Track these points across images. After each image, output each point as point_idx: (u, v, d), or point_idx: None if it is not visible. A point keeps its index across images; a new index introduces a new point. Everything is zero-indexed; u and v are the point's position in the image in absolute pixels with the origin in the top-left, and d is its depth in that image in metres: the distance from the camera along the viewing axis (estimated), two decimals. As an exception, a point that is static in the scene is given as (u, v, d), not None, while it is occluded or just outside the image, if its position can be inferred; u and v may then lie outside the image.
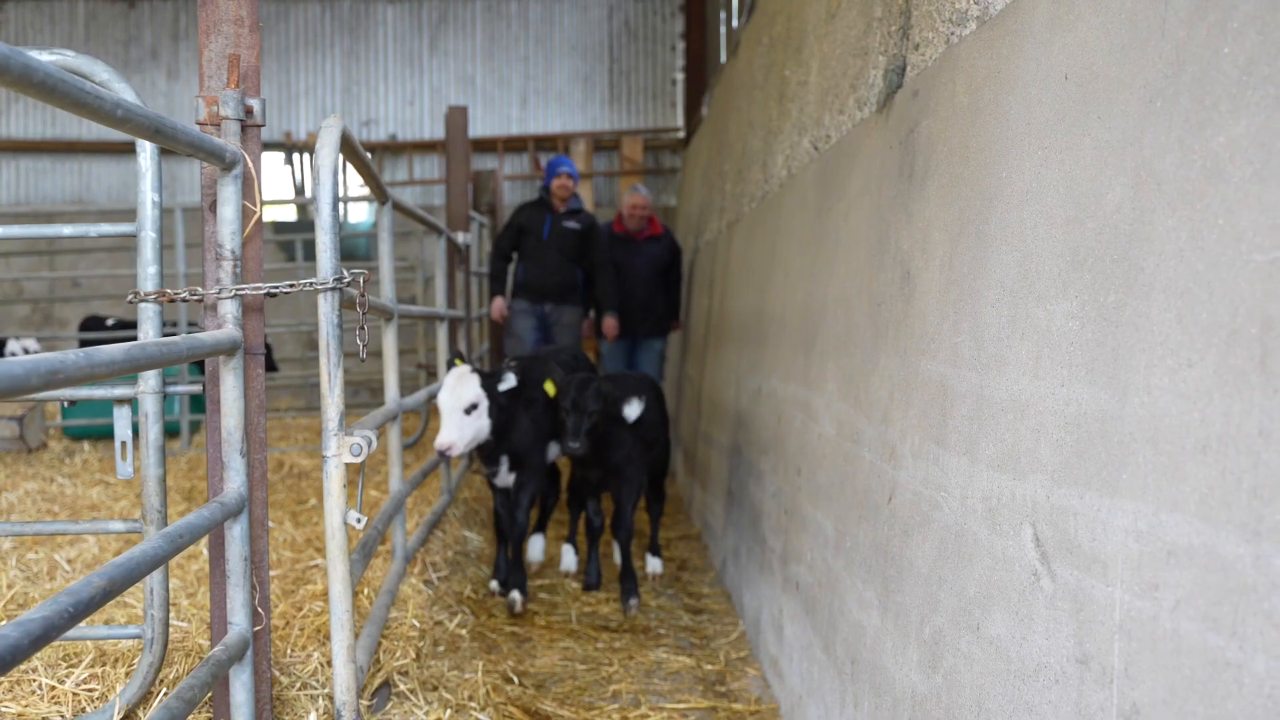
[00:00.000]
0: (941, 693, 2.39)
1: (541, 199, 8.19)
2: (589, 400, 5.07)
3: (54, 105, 1.77)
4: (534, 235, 8.05)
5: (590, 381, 5.13)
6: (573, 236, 8.08)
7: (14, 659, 1.55)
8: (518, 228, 8.13)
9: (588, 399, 5.06)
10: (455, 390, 4.93)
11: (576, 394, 5.07)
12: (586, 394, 5.07)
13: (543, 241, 8.03)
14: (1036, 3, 2.34)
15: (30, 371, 1.62)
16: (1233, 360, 1.46)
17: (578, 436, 5.02)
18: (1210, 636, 1.44)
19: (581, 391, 5.08)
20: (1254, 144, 1.47)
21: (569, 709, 3.98)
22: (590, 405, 5.06)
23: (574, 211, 8.17)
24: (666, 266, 8.80)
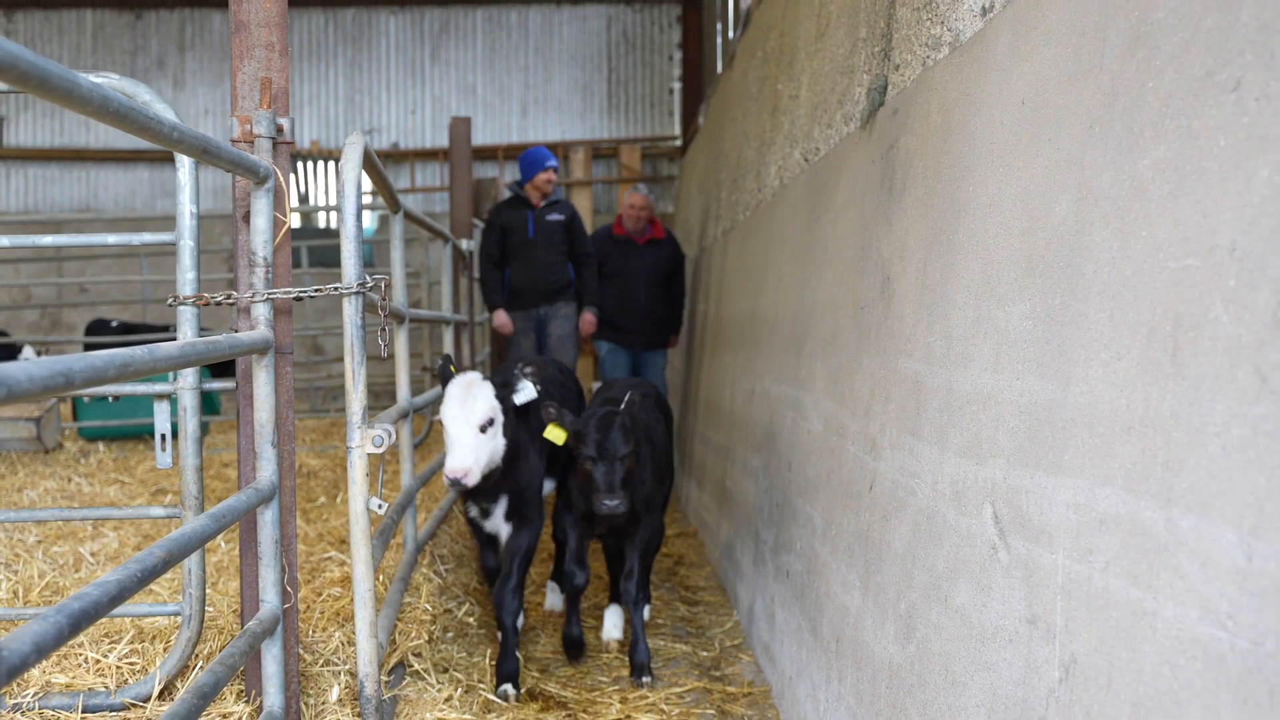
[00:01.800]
0: (915, 661, 2.63)
1: (517, 196, 7.72)
2: (618, 442, 4.11)
3: (121, 129, 2.01)
4: (519, 235, 7.60)
5: (613, 418, 4.17)
6: (559, 230, 7.67)
7: (96, 613, 1.79)
8: (500, 229, 7.65)
9: (616, 441, 4.11)
10: (466, 402, 3.97)
11: (600, 436, 4.12)
12: (613, 435, 4.12)
13: (529, 240, 7.60)
14: (999, 33, 2.58)
15: (108, 364, 1.86)
16: (1151, 353, 1.69)
17: (614, 490, 4.04)
18: (1132, 590, 1.67)
19: (606, 432, 4.12)
20: (1170, 167, 1.71)
21: (571, 690, 4.21)
22: (620, 448, 4.10)
23: (553, 203, 7.75)
24: (669, 272, 8.30)
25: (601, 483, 4.05)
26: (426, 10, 15.04)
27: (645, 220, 8.23)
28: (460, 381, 4.05)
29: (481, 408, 3.98)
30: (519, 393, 4.16)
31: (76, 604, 1.74)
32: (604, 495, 4.03)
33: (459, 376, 4.08)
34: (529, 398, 4.15)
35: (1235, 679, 1.40)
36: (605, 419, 4.17)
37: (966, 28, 2.89)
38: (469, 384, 4.03)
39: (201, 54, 14.81)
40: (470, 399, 3.98)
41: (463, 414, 3.95)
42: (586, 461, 4.10)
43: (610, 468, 4.07)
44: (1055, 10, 2.24)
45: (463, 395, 3.99)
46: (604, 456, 4.09)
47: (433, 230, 5.57)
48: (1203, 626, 1.48)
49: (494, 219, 7.73)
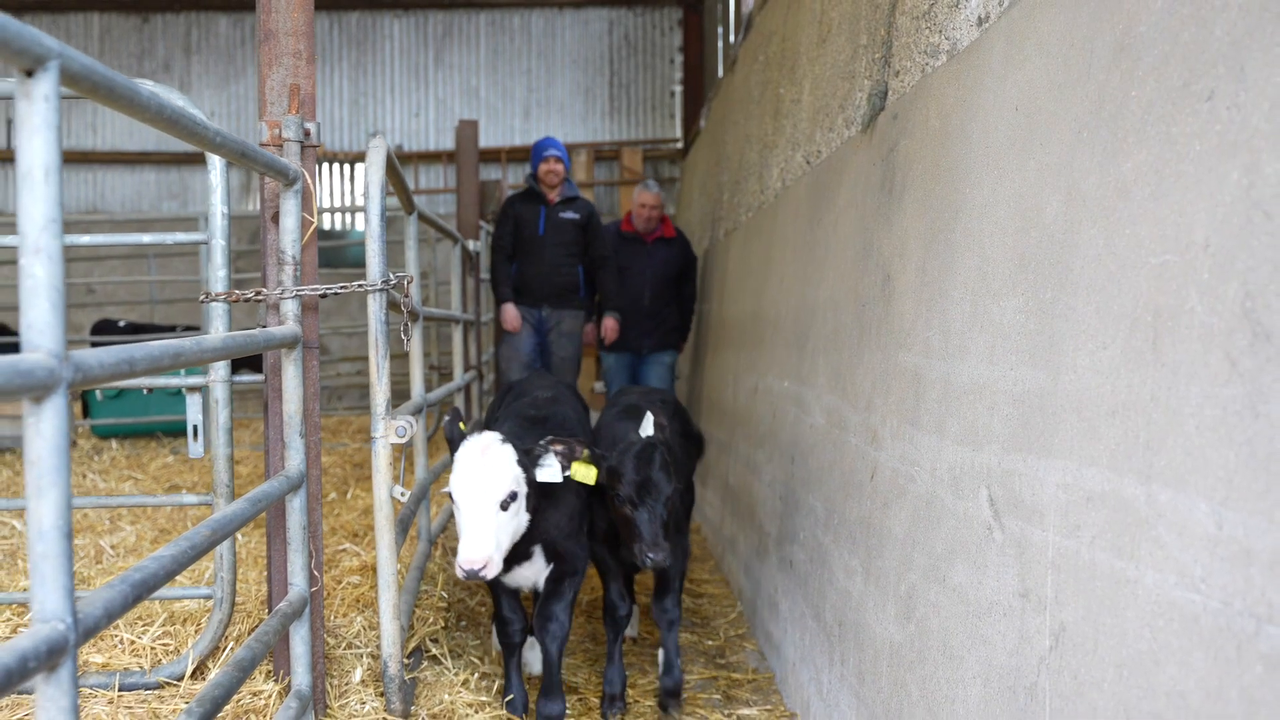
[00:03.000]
0: (914, 639, 2.76)
1: (531, 189, 7.32)
2: (661, 483, 3.53)
3: (172, 133, 2.14)
4: (529, 230, 7.20)
5: (652, 453, 3.58)
6: (571, 229, 7.23)
7: (154, 584, 1.93)
8: (514, 220, 7.24)
9: (659, 481, 3.53)
10: (483, 474, 3.25)
11: (640, 476, 3.52)
12: (655, 474, 3.53)
13: (539, 237, 7.19)
14: (994, 43, 2.71)
15: (163, 353, 2.00)
16: (1134, 342, 1.83)
17: (659, 544, 3.46)
18: (1116, 561, 1.81)
19: (647, 469, 3.53)
20: (1151, 170, 1.85)
21: (581, 676, 4.34)
22: (664, 489, 3.53)
23: (569, 200, 7.30)
24: (678, 273, 7.90)
25: (646, 533, 3.48)
26: (430, 14, 15.19)
27: (656, 220, 7.86)
28: (474, 447, 3.32)
29: (502, 481, 3.25)
30: (542, 469, 3.43)
31: (138, 575, 1.88)
32: (649, 548, 3.45)
33: (472, 440, 3.34)
34: (553, 479, 3.44)
35: (1207, 637, 1.54)
36: (644, 454, 3.56)
37: (963, 37, 3.03)
38: (485, 450, 3.30)
39: (207, 57, 14.95)
40: (488, 467, 3.26)
41: (479, 489, 3.22)
42: (625, 505, 3.52)
43: (654, 514, 3.50)
44: (1046, 23, 2.38)
45: (477, 463, 3.27)
46: (646, 500, 3.51)
47: (443, 231, 5.70)
48: (1179, 591, 1.62)
49: (507, 209, 7.35)
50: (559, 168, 7.25)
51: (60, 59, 1.56)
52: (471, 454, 3.30)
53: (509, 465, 3.31)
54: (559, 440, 3.49)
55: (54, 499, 1.54)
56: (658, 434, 3.69)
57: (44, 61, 1.53)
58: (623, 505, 3.54)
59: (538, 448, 3.45)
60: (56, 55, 1.55)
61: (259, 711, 2.95)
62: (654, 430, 3.69)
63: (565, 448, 3.47)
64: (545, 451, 3.46)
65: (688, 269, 8.03)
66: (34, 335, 1.54)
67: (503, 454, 3.32)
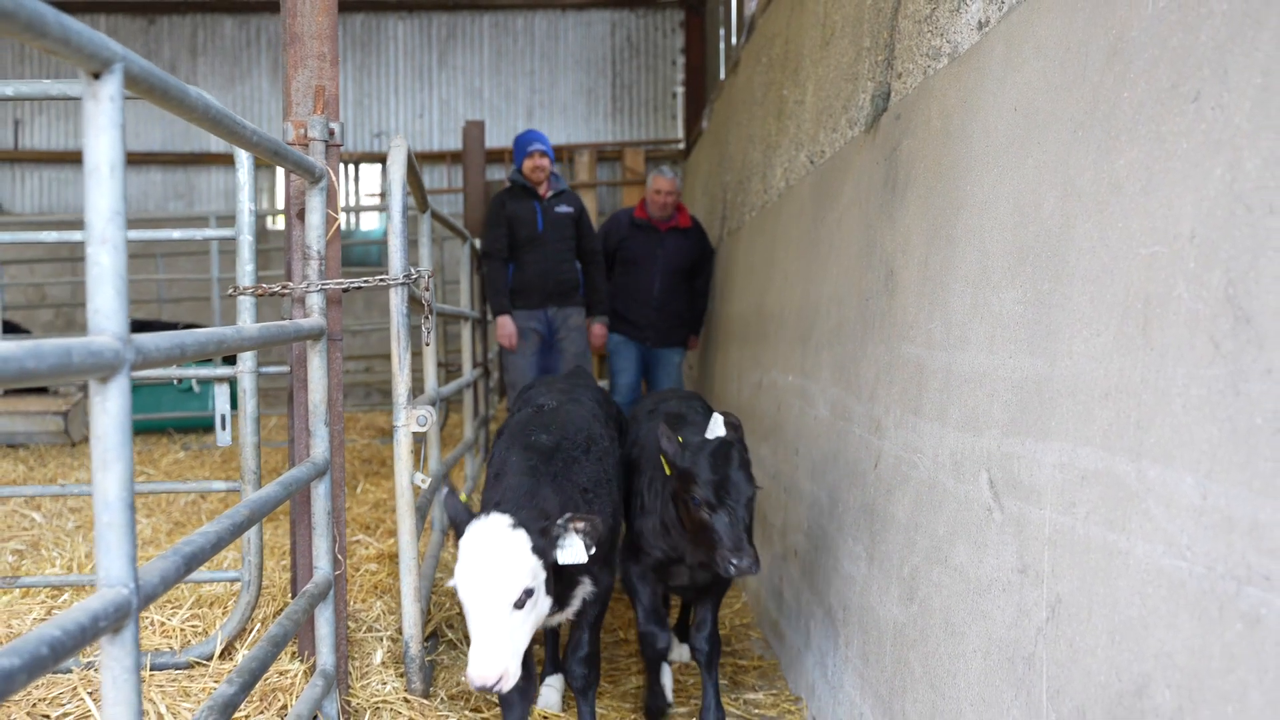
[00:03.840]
0: (917, 618, 2.88)
1: (521, 185, 7.01)
2: (742, 483, 3.25)
3: (214, 132, 2.26)
4: (526, 228, 6.90)
5: (730, 450, 3.31)
6: (568, 224, 7.02)
7: (202, 556, 2.04)
8: (508, 220, 6.88)
9: (740, 481, 3.25)
10: (492, 571, 2.82)
11: (718, 476, 3.23)
12: (735, 473, 3.25)
13: (539, 234, 6.91)
14: (994, 46, 2.83)
15: (209, 339, 2.12)
16: (1125, 328, 1.94)
17: (743, 549, 3.14)
18: (1108, 534, 1.92)
19: (726, 469, 3.25)
20: (1142, 167, 1.96)
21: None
22: (746, 489, 3.25)
23: (561, 193, 7.07)
24: (692, 265, 7.58)
25: (728, 538, 3.14)
26: (434, 16, 15.31)
27: (672, 207, 7.52)
28: (480, 534, 2.88)
29: (516, 578, 2.82)
30: (563, 550, 2.97)
31: (188, 548, 2.00)
32: (732, 553, 3.12)
33: (477, 524, 2.91)
34: (577, 560, 2.98)
35: (1192, 600, 1.65)
36: (721, 452, 3.28)
37: (964, 40, 3.14)
38: (493, 538, 2.87)
39: (213, 59, 15.07)
40: (498, 566, 2.82)
41: (489, 590, 2.80)
42: (702, 509, 3.19)
43: (735, 517, 3.18)
44: (1044, 27, 2.50)
45: (486, 561, 2.83)
46: (725, 501, 3.19)
47: (453, 229, 5.82)
48: (1166, 559, 1.73)
49: (499, 210, 6.94)
50: (544, 163, 6.92)
51: (124, 62, 1.68)
52: (478, 547, 2.85)
53: (523, 557, 2.85)
54: (580, 517, 3.01)
55: (118, 472, 1.66)
56: (730, 433, 3.40)
57: (110, 65, 1.65)
58: (699, 509, 3.21)
59: (556, 527, 2.97)
60: (121, 59, 1.67)
61: (285, 690, 3.06)
62: (725, 429, 3.40)
63: (588, 525, 3.00)
64: (565, 531, 2.98)
65: (702, 262, 7.69)
66: (100, 319, 1.66)
67: (515, 544, 2.85)
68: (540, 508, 3.08)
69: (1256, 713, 1.49)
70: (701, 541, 3.28)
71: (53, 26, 1.46)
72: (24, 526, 5.25)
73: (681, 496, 3.31)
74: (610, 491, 3.56)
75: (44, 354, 1.42)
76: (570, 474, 3.35)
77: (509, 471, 3.25)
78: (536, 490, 3.17)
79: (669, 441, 3.33)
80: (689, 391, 4.61)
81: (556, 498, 3.21)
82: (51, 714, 2.92)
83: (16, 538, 4.98)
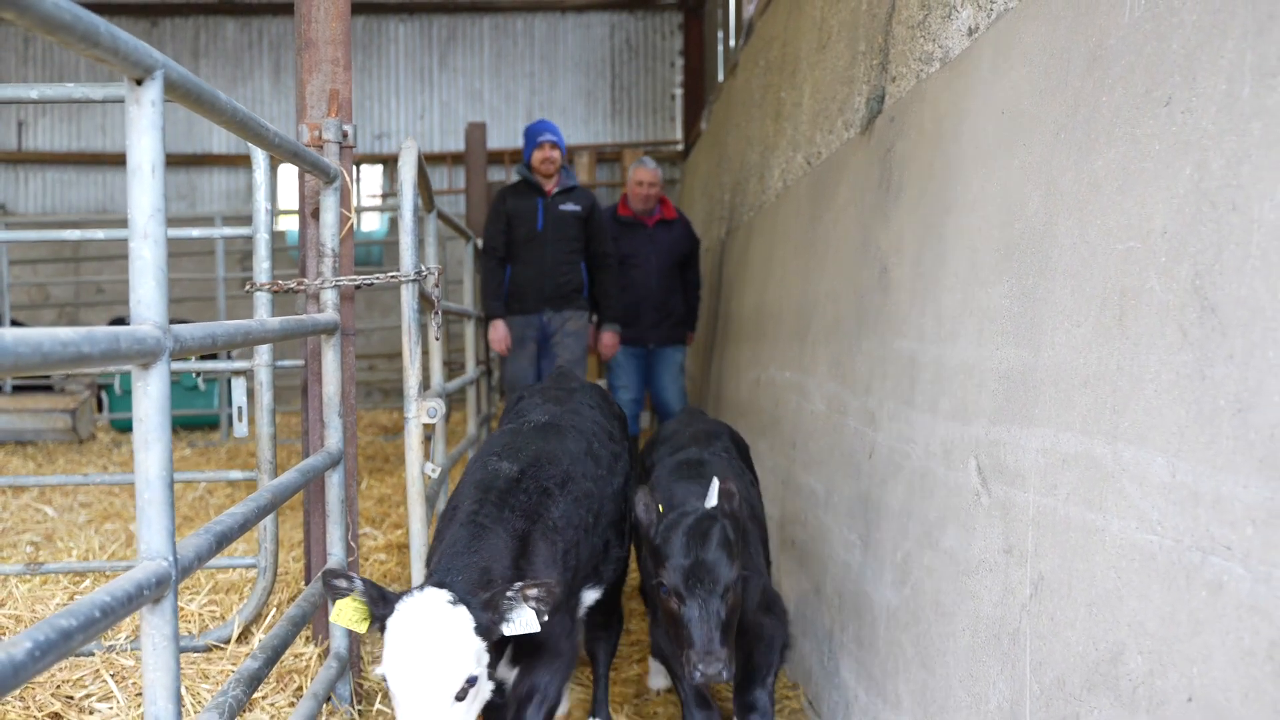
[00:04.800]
0: (909, 601, 2.99)
1: (526, 180, 6.55)
2: (719, 569, 2.73)
3: (240, 135, 2.37)
4: (526, 226, 6.43)
5: (710, 527, 2.79)
6: (573, 223, 6.47)
7: (232, 536, 2.16)
8: (507, 218, 6.45)
9: (717, 567, 2.73)
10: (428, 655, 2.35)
11: (687, 555, 2.74)
12: (710, 556, 2.74)
13: (537, 233, 6.43)
14: (983, 52, 2.95)
15: (237, 330, 2.23)
16: (1103, 319, 2.06)
17: (713, 650, 2.65)
18: (1087, 514, 2.04)
19: (698, 547, 2.75)
20: (1119, 168, 2.08)
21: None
22: (723, 577, 2.73)
23: (569, 190, 6.54)
24: (684, 258, 7.23)
25: (696, 637, 2.67)
26: (435, 18, 15.44)
27: (655, 199, 7.12)
28: (413, 614, 2.39)
29: (457, 666, 2.36)
30: (511, 623, 2.48)
31: (218, 527, 2.11)
32: (699, 657, 2.64)
33: (409, 601, 2.42)
34: (528, 630, 2.49)
35: (1162, 571, 1.77)
36: (698, 530, 2.78)
37: (955, 46, 3.26)
38: (429, 619, 2.38)
39: (215, 60, 15.19)
40: (436, 653, 2.34)
41: (426, 678, 2.32)
42: (671, 599, 2.74)
43: (707, 610, 2.69)
44: (1029, 34, 2.62)
45: (422, 643, 2.35)
46: (696, 591, 2.70)
47: (457, 229, 5.93)
48: (1139, 534, 1.85)
49: (498, 206, 6.53)
50: (555, 155, 6.44)
51: (164, 69, 1.80)
52: (411, 629, 2.36)
53: (465, 640, 2.38)
54: (533, 584, 2.49)
55: (159, 452, 1.77)
56: (723, 503, 2.88)
57: (152, 71, 1.77)
58: (668, 599, 2.75)
59: (504, 601, 2.47)
60: (161, 66, 1.79)
61: (301, 672, 3.17)
62: (720, 499, 2.90)
63: (542, 590, 2.48)
64: (515, 604, 2.48)
65: (692, 252, 7.38)
66: (142, 309, 1.77)
67: (455, 625, 2.38)
68: (483, 568, 2.57)
69: (1219, 673, 1.61)
70: (672, 636, 2.83)
71: (104, 37, 1.58)
72: (37, 520, 5.37)
73: (653, 579, 2.86)
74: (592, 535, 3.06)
75: (97, 340, 1.54)
76: (537, 512, 2.84)
77: (455, 519, 2.75)
78: (480, 544, 2.63)
79: (646, 511, 2.90)
80: (715, 424, 3.98)
81: (508, 551, 2.68)
82: (75, 695, 3.03)
83: (31, 530, 5.10)
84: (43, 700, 2.96)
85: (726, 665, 2.65)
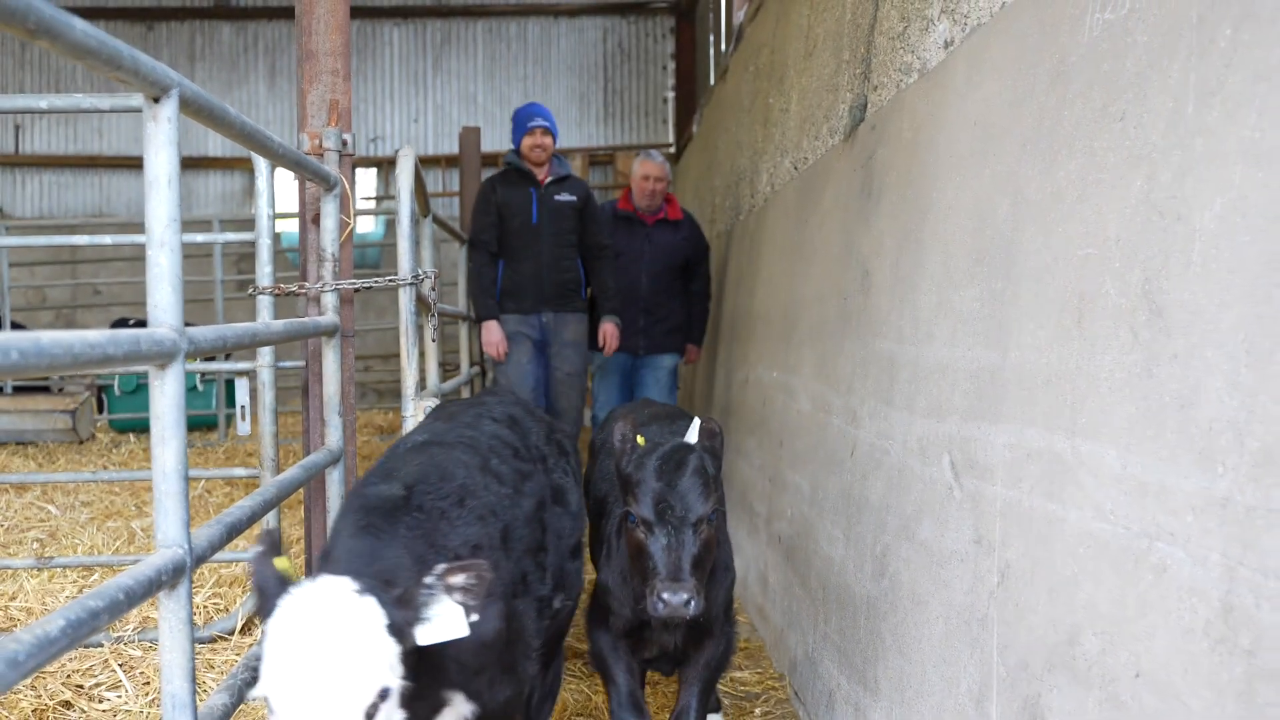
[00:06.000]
0: (887, 592, 3.12)
1: (516, 168, 6.02)
2: (694, 496, 2.62)
3: (246, 145, 2.49)
4: (519, 218, 5.91)
5: (685, 456, 2.69)
6: (570, 215, 6.01)
7: (241, 527, 2.27)
8: (497, 209, 5.92)
9: (692, 493, 2.63)
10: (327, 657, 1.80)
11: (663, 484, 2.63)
12: (685, 480, 2.63)
13: (532, 226, 5.93)
14: (957, 65, 3.07)
15: (244, 332, 2.35)
16: (1063, 321, 2.19)
17: (680, 575, 2.50)
18: (1048, 505, 2.16)
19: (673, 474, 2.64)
20: (1078, 178, 2.21)
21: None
22: (698, 506, 2.62)
23: (562, 179, 6.06)
24: (685, 262, 6.70)
25: (662, 565, 2.50)
26: (429, 22, 15.56)
27: (660, 195, 6.62)
28: (305, 607, 1.85)
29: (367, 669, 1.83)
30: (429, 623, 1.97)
31: (229, 518, 2.23)
32: (664, 583, 2.47)
33: (298, 592, 1.88)
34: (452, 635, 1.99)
35: (1114, 557, 1.89)
36: (672, 459, 2.66)
37: (932, 58, 3.38)
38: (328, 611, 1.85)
39: (211, 64, 15.29)
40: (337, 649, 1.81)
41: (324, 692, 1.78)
42: (639, 529, 2.58)
43: (677, 541, 2.53)
44: (998, 50, 2.74)
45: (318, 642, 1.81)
46: (667, 520, 2.56)
47: (452, 232, 6.05)
48: (1095, 523, 1.97)
49: (488, 195, 5.99)
50: (547, 141, 5.95)
51: (179, 88, 1.92)
52: (303, 626, 1.81)
53: (376, 638, 1.86)
54: (459, 567, 1.99)
55: (175, 447, 1.89)
56: (704, 439, 2.81)
57: (168, 90, 1.88)
58: (635, 529, 2.59)
59: (421, 594, 1.96)
60: (177, 85, 1.91)
61: (302, 662, 3.28)
62: (700, 435, 2.82)
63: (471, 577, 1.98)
64: (433, 593, 1.97)
65: (696, 258, 6.80)
66: (159, 313, 1.89)
67: (362, 619, 1.85)
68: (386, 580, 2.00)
69: (1163, 650, 1.73)
70: (638, 571, 2.63)
71: (126, 60, 1.69)
72: (41, 518, 5.48)
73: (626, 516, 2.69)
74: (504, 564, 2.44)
75: (120, 342, 1.66)
76: (433, 535, 2.26)
77: (335, 543, 2.19)
78: (379, 551, 2.11)
79: (622, 441, 2.76)
80: (673, 409, 3.78)
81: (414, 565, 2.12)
82: (85, 684, 3.15)
83: (36, 528, 5.21)
84: (54, 689, 3.07)
85: (695, 597, 2.49)
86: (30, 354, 1.35)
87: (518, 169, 6.01)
